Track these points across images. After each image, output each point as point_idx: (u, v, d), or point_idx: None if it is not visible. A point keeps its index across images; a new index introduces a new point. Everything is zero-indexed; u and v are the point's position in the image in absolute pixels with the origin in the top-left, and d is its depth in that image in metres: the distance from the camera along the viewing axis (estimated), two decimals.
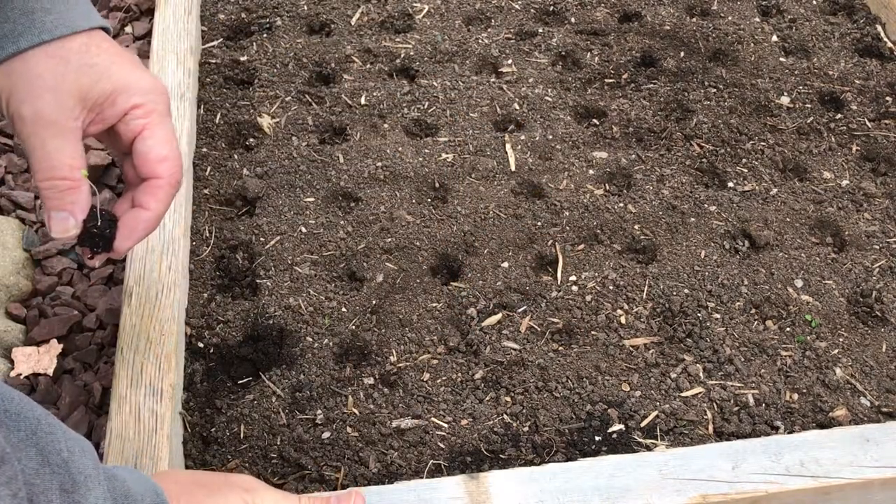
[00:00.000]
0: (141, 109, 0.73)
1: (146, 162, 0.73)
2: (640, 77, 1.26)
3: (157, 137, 0.73)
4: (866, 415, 0.90)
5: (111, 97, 0.71)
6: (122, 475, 0.62)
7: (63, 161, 0.70)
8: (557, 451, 0.85)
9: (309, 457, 0.84)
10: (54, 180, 0.70)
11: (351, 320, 0.95)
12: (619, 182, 1.12)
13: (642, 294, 0.99)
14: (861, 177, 1.14)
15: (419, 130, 1.18)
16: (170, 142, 0.74)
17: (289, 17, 1.34)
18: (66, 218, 0.71)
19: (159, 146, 0.73)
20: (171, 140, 0.74)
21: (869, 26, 1.36)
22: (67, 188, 0.70)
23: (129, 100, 0.72)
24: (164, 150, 0.73)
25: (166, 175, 0.74)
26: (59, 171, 0.70)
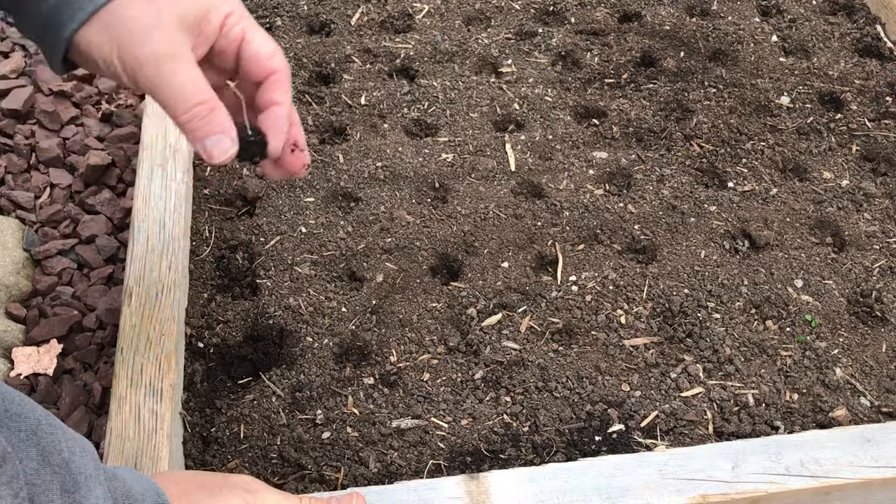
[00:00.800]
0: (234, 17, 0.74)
1: (259, 61, 0.75)
2: (640, 77, 1.26)
3: (259, 38, 0.75)
4: (866, 415, 0.90)
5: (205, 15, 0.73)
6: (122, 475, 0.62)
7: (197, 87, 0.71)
8: (557, 451, 0.85)
9: (309, 457, 0.84)
10: (196, 108, 0.71)
11: (351, 320, 0.95)
12: (619, 182, 1.12)
13: (642, 294, 0.99)
14: (861, 177, 1.14)
15: (419, 130, 1.18)
16: (269, 38, 0.75)
17: (289, 17, 1.34)
18: (220, 139, 0.72)
19: (266, 43, 0.75)
20: (269, 36, 0.76)
21: (869, 26, 1.36)
22: (208, 112, 0.71)
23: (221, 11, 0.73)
24: (271, 45, 0.75)
25: (282, 66, 0.75)
26: (197, 97, 0.71)
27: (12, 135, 1.28)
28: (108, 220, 1.19)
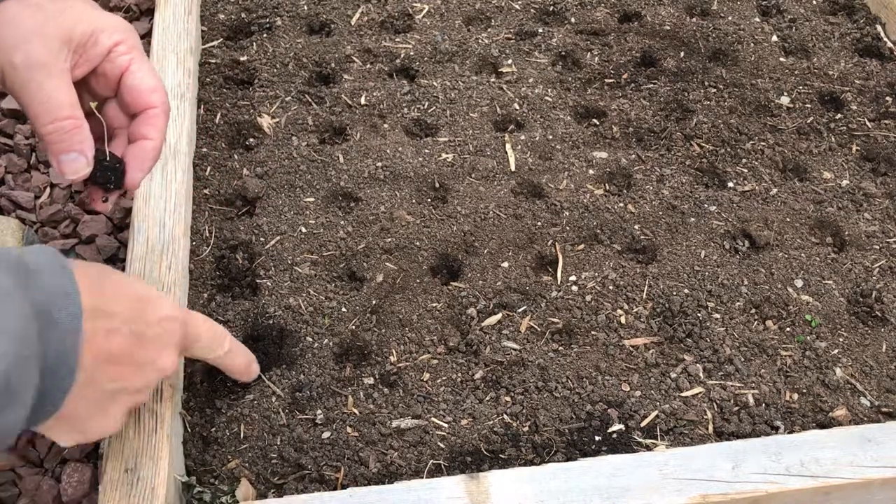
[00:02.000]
0: (123, 45, 0.75)
1: (139, 94, 0.76)
2: (640, 77, 1.26)
3: (144, 70, 0.76)
4: (866, 415, 0.90)
5: (93, 37, 0.73)
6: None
7: (63, 101, 0.71)
8: (557, 451, 0.85)
9: (309, 457, 0.84)
10: (58, 122, 0.71)
11: (351, 320, 0.95)
12: (619, 182, 1.12)
13: (642, 294, 0.99)
14: (861, 177, 1.14)
15: (419, 130, 1.18)
16: (155, 74, 0.77)
17: (289, 17, 1.34)
18: (76, 158, 0.73)
19: (148, 77, 0.76)
20: (154, 71, 0.77)
21: (869, 26, 1.36)
22: (72, 127, 0.71)
23: (111, 37, 0.74)
24: (152, 80, 0.76)
25: (160, 103, 0.76)
26: (62, 112, 0.71)
27: (12, 135, 1.28)
28: (108, 220, 1.19)
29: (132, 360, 0.69)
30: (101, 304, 0.66)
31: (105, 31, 0.74)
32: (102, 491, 0.75)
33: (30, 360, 0.57)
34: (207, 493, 0.81)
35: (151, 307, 0.71)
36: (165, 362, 0.73)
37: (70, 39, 0.72)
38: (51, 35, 0.71)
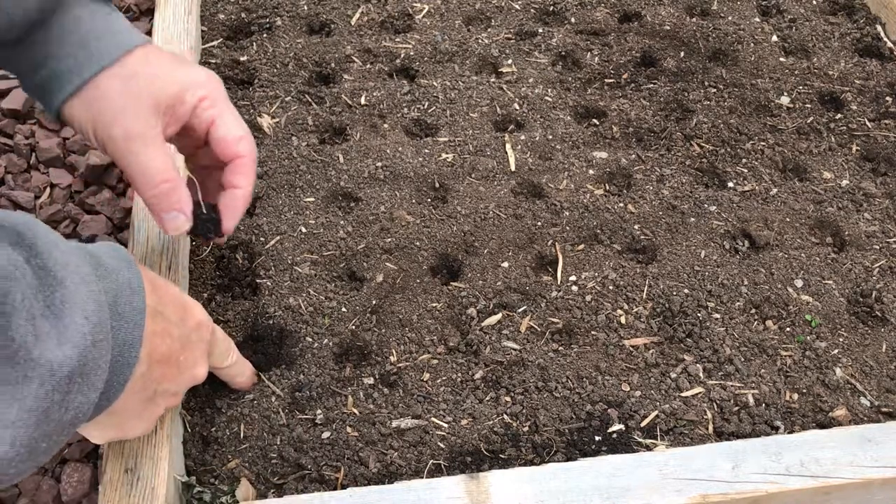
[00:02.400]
0: (207, 100, 0.79)
1: (226, 145, 0.81)
2: (640, 77, 1.26)
3: (228, 122, 0.81)
4: (866, 415, 0.90)
5: (179, 96, 0.78)
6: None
7: (159, 167, 0.77)
8: (557, 451, 0.85)
9: (309, 457, 0.84)
10: (158, 186, 0.77)
11: (351, 320, 0.95)
12: (619, 182, 1.12)
13: (642, 294, 0.99)
14: (861, 177, 1.14)
15: (419, 130, 1.18)
16: (240, 123, 0.81)
17: (289, 17, 1.34)
18: (176, 216, 0.79)
19: (234, 128, 0.81)
20: (240, 121, 0.82)
21: (869, 26, 1.36)
22: (170, 189, 0.77)
23: (195, 94, 0.79)
24: (238, 130, 0.81)
25: (247, 152, 0.81)
26: (159, 177, 0.77)
27: (12, 135, 1.28)
28: (108, 220, 1.19)
29: (176, 363, 0.72)
30: (157, 304, 0.69)
31: (189, 89, 0.79)
32: (102, 491, 0.75)
33: (102, 345, 0.59)
34: (207, 493, 0.81)
35: (190, 313, 0.74)
36: (201, 369, 0.77)
37: (159, 105, 0.77)
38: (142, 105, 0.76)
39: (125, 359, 0.64)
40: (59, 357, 0.54)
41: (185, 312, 0.74)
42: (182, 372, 0.74)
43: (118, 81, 0.75)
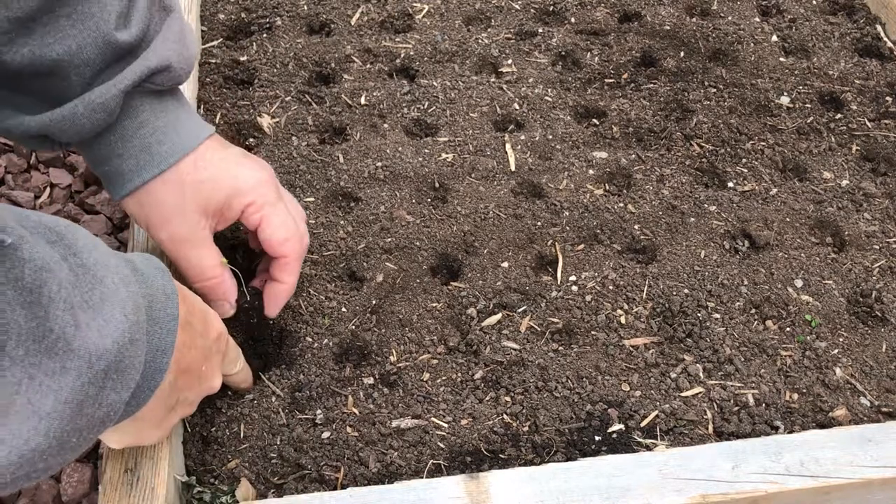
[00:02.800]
0: (253, 206, 0.85)
1: (271, 246, 0.86)
2: (640, 77, 1.26)
3: (274, 225, 0.85)
4: (866, 415, 0.90)
5: (227, 203, 0.84)
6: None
7: (204, 266, 0.84)
8: (557, 451, 0.85)
9: (309, 457, 0.84)
10: (203, 282, 0.85)
11: (351, 320, 0.95)
12: (619, 182, 1.12)
13: (642, 294, 0.99)
14: (861, 177, 1.14)
15: (419, 130, 1.18)
16: (285, 225, 0.86)
17: (289, 17, 1.34)
18: (221, 304, 0.87)
19: (278, 232, 0.86)
20: (286, 223, 0.86)
21: (869, 26, 1.36)
22: (216, 284, 0.85)
23: (243, 201, 0.84)
24: (282, 234, 0.86)
25: (290, 252, 0.87)
26: (205, 274, 0.85)
27: None
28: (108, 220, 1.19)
29: (198, 374, 0.73)
30: (186, 314, 0.69)
31: (238, 195, 0.84)
32: (102, 491, 0.75)
33: (139, 345, 0.60)
34: (207, 493, 0.81)
35: (211, 324, 0.75)
36: (217, 380, 0.79)
37: (207, 210, 0.83)
38: (190, 211, 0.82)
39: (157, 364, 0.64)
40: (99, 348, 0.54)
41: (207, 324, 0.74)
42: (202, 383, 0.75)
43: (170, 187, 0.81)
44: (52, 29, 0.73)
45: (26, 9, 0.72)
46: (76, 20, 0.74)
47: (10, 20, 0.71)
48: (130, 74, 0.77)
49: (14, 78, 0.75)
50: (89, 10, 0.75)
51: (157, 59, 0.79)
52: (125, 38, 0.77)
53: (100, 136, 0.80)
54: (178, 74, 0.82)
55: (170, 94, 0.84)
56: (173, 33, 0.81)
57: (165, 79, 0.81)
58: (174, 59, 0.80)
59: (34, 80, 0.75)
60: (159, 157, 0.81)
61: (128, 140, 0.81)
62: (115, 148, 0.81)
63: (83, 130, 0.77)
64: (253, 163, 0.87)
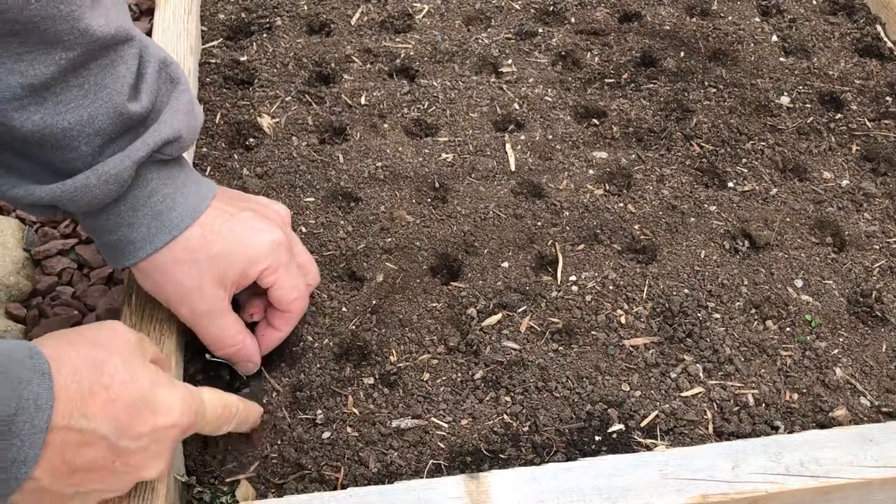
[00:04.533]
0: (268, 271, 0.86)
1: (280, 304, 0.88)
2: (640, 77, 1.26)
3: (286, 288, 0.87)
4: (866, 415, 0.90)
5: (243, 273, 0.85)
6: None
7: (226, 336, 0.86)
8: (557, 451, 0.85)
9: (309, 457, 0.84)
10: (227, 350, 0.87)
11: (351, 320, 0.95)
12: (619, 182, 1.12)
13: (642, 294, 0.99)
14: (861, 177, 1.14)
15: (419, 130, 1.18)
16: (296, 287, 0.88)
17: (289, 17, 1.34)
18: (245, 365, 0.89)
19: (289, 294, 0.88)
20: (297, 285, 0.89)
21: (869, 26, 1.36)
22: (237, 351, 0.87)
23: (257, 269, 0.85)
24: (292, 294, 0.88)
25: (296, 310, 0.90)
26: (227, 342, 0.86)
27: None
28: None
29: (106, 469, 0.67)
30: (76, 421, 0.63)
31: (253, 265, 0.84)
32: None
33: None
34: (207, 493, 0.81)
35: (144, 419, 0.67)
36: (150, 472, 0.70)
37: (224, 283, 0.84)
38: (208, 287, 0.83)
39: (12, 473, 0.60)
40: None
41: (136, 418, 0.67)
42: (117, 475, 0.68)
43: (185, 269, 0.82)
44: (64, 98, 0.74)
45: (41, 77, 0.72)
46: (88, 91, 0.76)
47: (24, 87, 0.72)
48: (143, 146, 0.78)
49: (22, 145, 0.75)
50: (103, 82, 0.76)
51: (168, 130, 0.80)
52: (136, 110, 0.78)
53: (107, 206, 0.80)
54: (186, 144, 0.83)
55: (174, 162, 0.84)
56: (182, 104, 0.82)
57: (175, 149, 0.82)
58: (184, 130, 0.82)
59: (43, 149, 0.76)
60: (171, 223, 0.81)
61: (138, 209, 0.80)
62: (124, 217, 0.80)
63: (94, 201, 0.77)
64: (263, 223, 0.86)
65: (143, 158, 0.78)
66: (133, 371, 0.68)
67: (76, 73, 0.75)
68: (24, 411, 0.59)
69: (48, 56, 0.72)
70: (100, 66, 0.76)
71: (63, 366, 0.63)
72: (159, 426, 0.68)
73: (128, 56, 0.78)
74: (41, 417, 0.60)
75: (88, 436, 0.64)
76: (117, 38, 0.77)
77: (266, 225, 0.87)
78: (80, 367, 0.64)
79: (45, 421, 0.60)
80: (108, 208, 0.80)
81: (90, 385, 0.64)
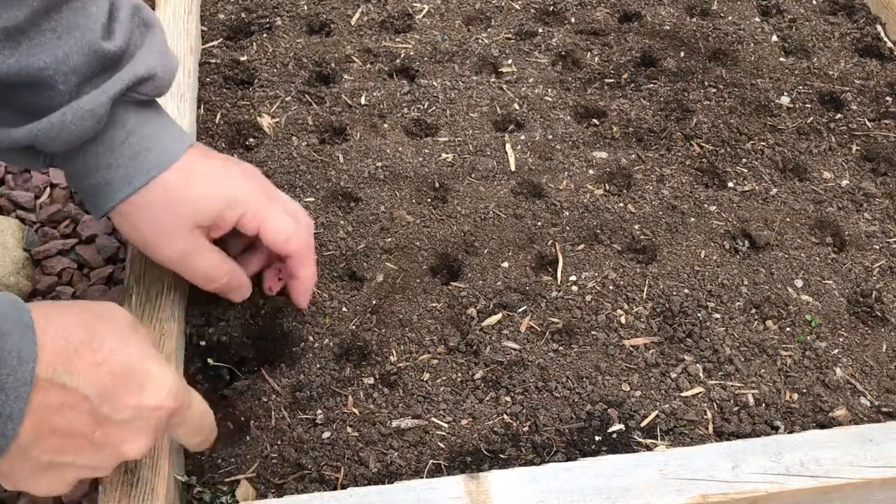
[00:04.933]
0: (247, 216, 0.84)
1: (276, 247, 0.86)
2: (640, 77, 1.26)
3: (273, 229, 0.85)
4: (866, 415, 0.90)
5: (220, 215, 0.83)
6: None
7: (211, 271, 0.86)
8: (557, 451, 0.85)
9: (309, 457, 0.84)
10: (216, 283, 0.86)
11: (351, 320, 0.95)
12: (619, 182, 1.12)
13: (642, 294, 0.99)
14: (861, 177, 1.14)
15: (419, 130, 1.18)
16: (284, 224, 0.86)
17: (289, 17, 1.34)
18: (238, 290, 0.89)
19: (279, 234, 0.85)
20: (284, 222, 0.86)
21: (869, 26, 1.36)
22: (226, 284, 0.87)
23: (236, 213, 0.84)
24: (283, 234, 0.86)
25: (297, 247, 0.87)
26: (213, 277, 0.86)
27: None
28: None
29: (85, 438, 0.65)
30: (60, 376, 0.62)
31: (228, 208, 0.83)
32: (102, 491, 0.75)
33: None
34: (207, 493, 0.81)
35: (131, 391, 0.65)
36: (129, 449, 0.67)
37: (200, 223, 0.83)
38: (185, 228, 0.82)
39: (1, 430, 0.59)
40: None
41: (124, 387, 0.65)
42: (97, 447, 0.65)
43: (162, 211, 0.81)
44: (38, 41, 0.75)
45: (13, 20, 0.73)
46: (62, 32, 0.76)
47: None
48: (118, 82, 0.79)
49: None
50: (75, 22, 0.77)
51: (143, 67, 0.81)
52: (110, 48, 0.79)
53: (86, 146, 0.80)
54: (162, 84, 0.84)
55: (151, 106, 0.85)
56: (156, 45, 0.84)
57: (150, 88, 0.82)
58: (159, 69, 0.83)
59: (19, 91, 0.76)
60: (149, 164, 0.81)
61: (116, 149, 0.81)
62: (102, 158, 0.81)
63: (71, 138, 0.77)
64: (240, 170, 0.87)
65: (118, 94, 0.79)
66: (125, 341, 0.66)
67: (48, 15, 0.75)
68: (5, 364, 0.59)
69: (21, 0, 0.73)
70: (72, 8, 0.77)
71: (50, 323, 0.63)
72: (145, 403, 0.66)
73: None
74: (24, 370, 0.59)
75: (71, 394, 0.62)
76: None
77: (242, 171, 0.87)
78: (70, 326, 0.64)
79: (30, 373, 0.60)
80: (86, 148, 0.80)
81: (77, 344, 0.63)
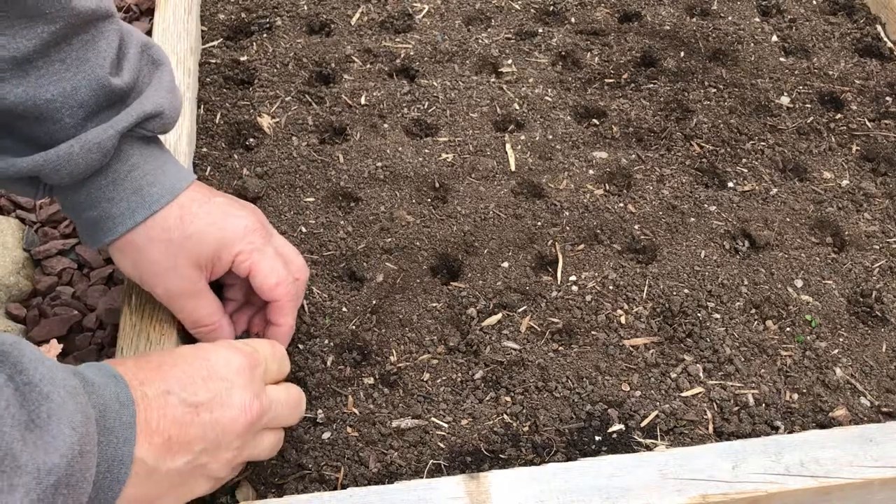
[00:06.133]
0: (242, 255, 0.85)
1: (263, 291, 0.86)
2: (640, 77, 1.26)
3: (264, 272, 0.85)
4: (866, 415, 0.90)
5: (216, 255, 0.84)
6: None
7: (201, 315, 0.85)
8: (557, 451, 0.85)
9: (309, 457, 0.84)
10: (199, 329, 0.86)
11: (351, 320, 0.95)
12: (619, 182, 1.12)
13: (642, 294, 0.99)
14: (861, 177, 1.14)
15: (419, 130, 1.18)
16: (274, 270, 0.85)
17: (289, 17, 1.34)
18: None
19: (268, 278, 0.85)
20: (275, 267, 0.86)
21: (869, 26, 1.36)
22: (210, 331, 0.86)
23: (231, 252, 0.84)
24: (272, 279, 0.85)
25: (283, 296, 0.86)
26: (202, 322, 0.86)
27: None
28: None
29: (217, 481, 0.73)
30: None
31: (226, 247, 0.84)
32: None
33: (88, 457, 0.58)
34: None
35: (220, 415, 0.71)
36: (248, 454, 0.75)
37: (198, 263, 0.83)
38: (182, 266, 0.82)
39: (114, 474, 0.62)
40: (48, 464, 0.53)
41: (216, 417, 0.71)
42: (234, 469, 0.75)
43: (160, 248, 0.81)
44: (46, 71, 0.75)
45: (22, 50, 0.73)
46: (70, 64, 0.76)
47: (6, 60, 0.73)
48: (126, 117, 0.79)
49: (5, 118, 0.76)
50: (84, 56, 0.77)
51: (151, 105, 0.81)
52: (118, 84, 0.79)
53: (89, 179, 0.80)
54: (168, 122, 0.84)
55: (155, 142, 0.86)
56: (165, 84, 0.84)
57: (157, 125, 0.83)
58: (167, 107, 0.83)
59: (26, 121, 0.77)
60: (150, 199, 0.81)
61: (119, 183, 0.81)
62: (105, 191, 0.81)
63: (77, 170, 0.77)
64: (238, 210, 0.87)
65: (126, 129, 0.79)
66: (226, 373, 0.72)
67: (58, 46, 0.76)
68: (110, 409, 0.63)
69: (30, 30, 0.73)
70: (81, 41, 0.77)
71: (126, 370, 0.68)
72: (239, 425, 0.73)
73: (108, 32, 0.80)
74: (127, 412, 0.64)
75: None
76: (98, 13, 0.78)
77: (241, 210, 0.87)
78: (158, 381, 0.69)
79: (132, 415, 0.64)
80: (90, 182, 0.80)
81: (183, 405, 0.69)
